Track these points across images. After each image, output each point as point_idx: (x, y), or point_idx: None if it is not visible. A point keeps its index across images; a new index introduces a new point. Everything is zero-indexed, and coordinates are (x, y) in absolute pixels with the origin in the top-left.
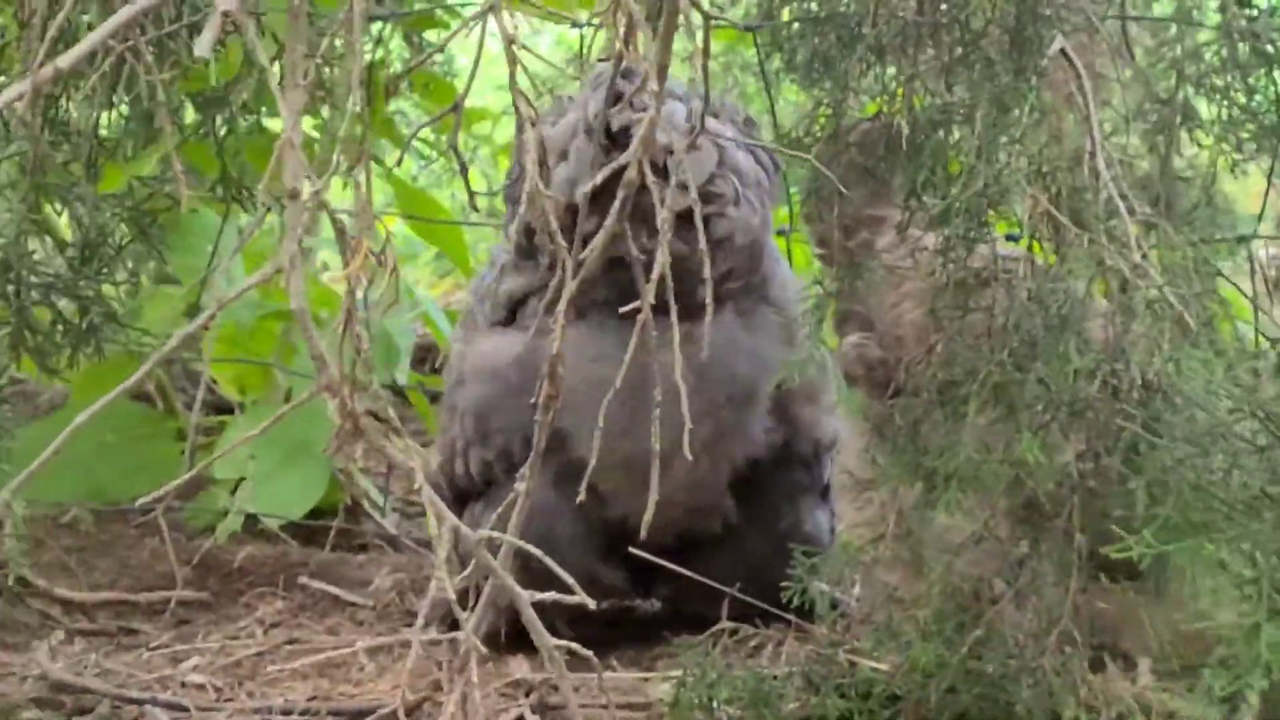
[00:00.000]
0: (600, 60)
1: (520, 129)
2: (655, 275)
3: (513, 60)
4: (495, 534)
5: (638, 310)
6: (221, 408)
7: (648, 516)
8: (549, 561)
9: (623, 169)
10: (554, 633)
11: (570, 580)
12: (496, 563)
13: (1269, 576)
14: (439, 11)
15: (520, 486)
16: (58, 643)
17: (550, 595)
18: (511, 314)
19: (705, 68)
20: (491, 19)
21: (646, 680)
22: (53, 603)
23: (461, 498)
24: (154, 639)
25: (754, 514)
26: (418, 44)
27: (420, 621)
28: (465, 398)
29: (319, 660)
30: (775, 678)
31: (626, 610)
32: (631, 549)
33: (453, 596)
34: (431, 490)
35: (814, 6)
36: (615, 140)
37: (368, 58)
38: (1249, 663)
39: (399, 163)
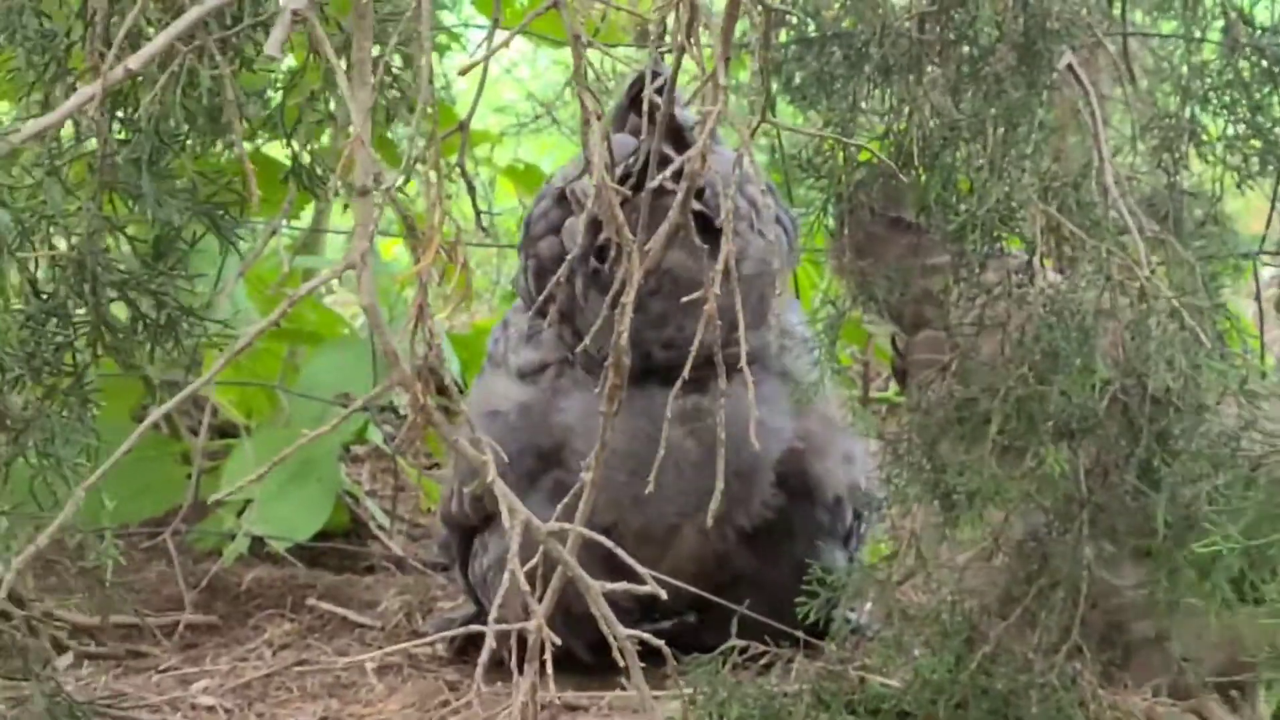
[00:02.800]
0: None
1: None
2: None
3: (579, 56)
4: (570, 527)
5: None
6: (226, 431)
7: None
8: (620, 552)
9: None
10: (571, 656)
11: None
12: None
13: None
14: (439, 35)
15: (586, 476)
16: (67, 666)
17: (621, 585)
18: None
19: (766, 60)
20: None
21: (657, 699)
22: (61, 626)
23: (463, 532)
24: (163, 661)
25: (772, 562)
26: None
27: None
28: (464, 435)
29: (328, 681)
30: (785, 695)
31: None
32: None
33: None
34: (503, 486)
35: (811, 28)
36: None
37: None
38: None
39: (404, 185)
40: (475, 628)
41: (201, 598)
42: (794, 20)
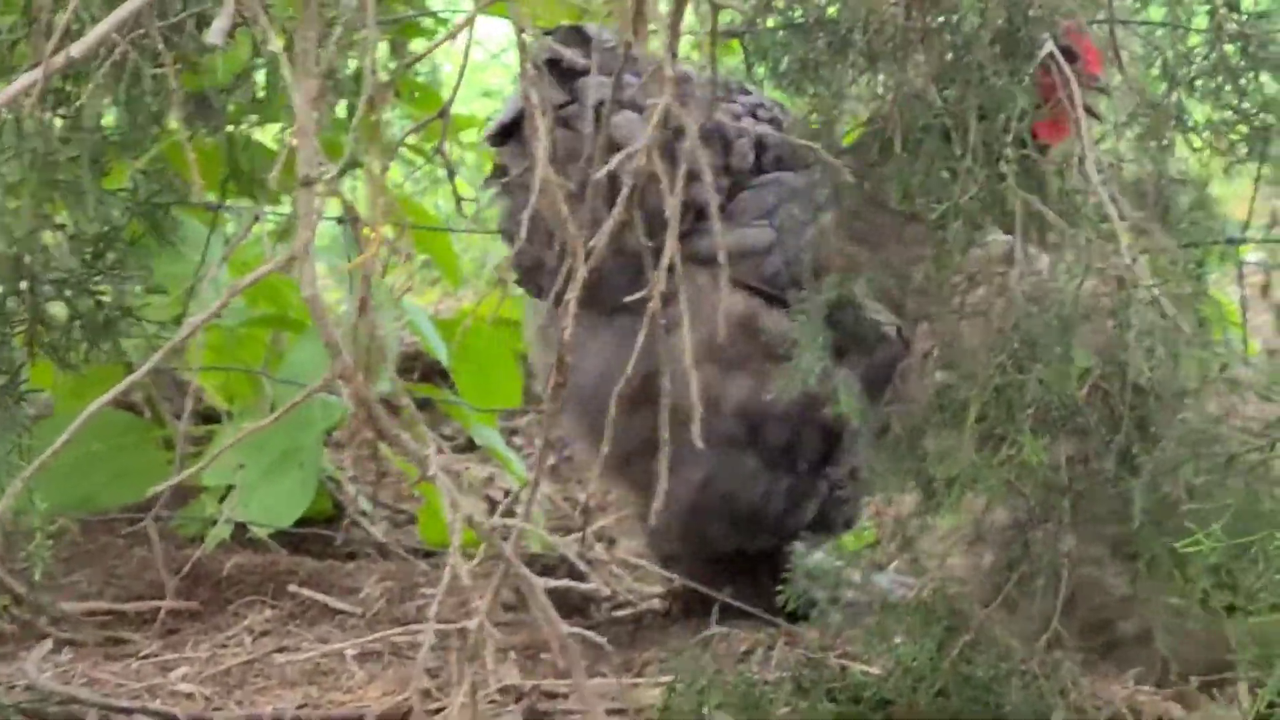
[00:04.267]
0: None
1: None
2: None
3: (524, 48)
4: (512, 522)
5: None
6: (209, 416)
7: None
8: None
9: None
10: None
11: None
12: None
13: None
14: (424, 20)
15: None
16: (46, 653)
17: (565, 583)
18: None
19: (713, 54)
20: (485, 22)
21: (636, 686)
22: (39, 613)
23: None
24: (143, 648)
25: None
26: (404, 52)
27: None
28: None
29: (308, 668)
30: (766, 682)
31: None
32: None
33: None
34: (446, 479)
35: (797, 14)
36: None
37: (353, 64)
38: None
39: (385, 169)
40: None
41: (183, 584)
42: (780, 5)
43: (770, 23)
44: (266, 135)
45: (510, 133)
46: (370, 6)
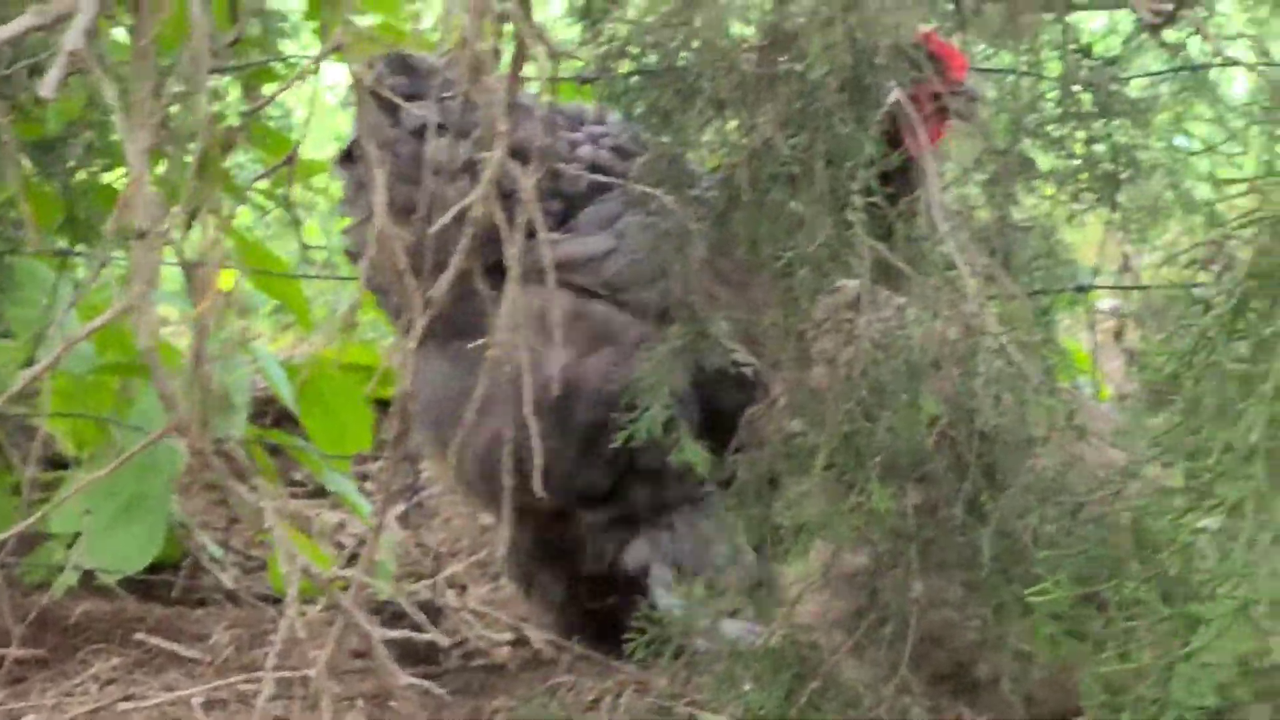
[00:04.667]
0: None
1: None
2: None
3: (362, 97)
4: (352, 574)
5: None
6: (57, 463)
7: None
8: None
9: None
10: None
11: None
12: None
13: (1182, 616)
14: (277, 64)
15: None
16: None
17: (402, 633)
18: None
19: (553, 106)
20: (335, 67)
21: None
22: None
23: None
24: None
25: None
26: (257, 96)
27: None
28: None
29: (154, 716)
30: None
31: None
32: None
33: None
34: (283, 532)
35: (651, 60)
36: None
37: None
38: (1163, 704)
39: (234, 215)
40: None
41: (30, 631)
42: (635, 52)
43: (624, 68)
44: (115, 178)
45: (352, 155)
46: (203, 59)
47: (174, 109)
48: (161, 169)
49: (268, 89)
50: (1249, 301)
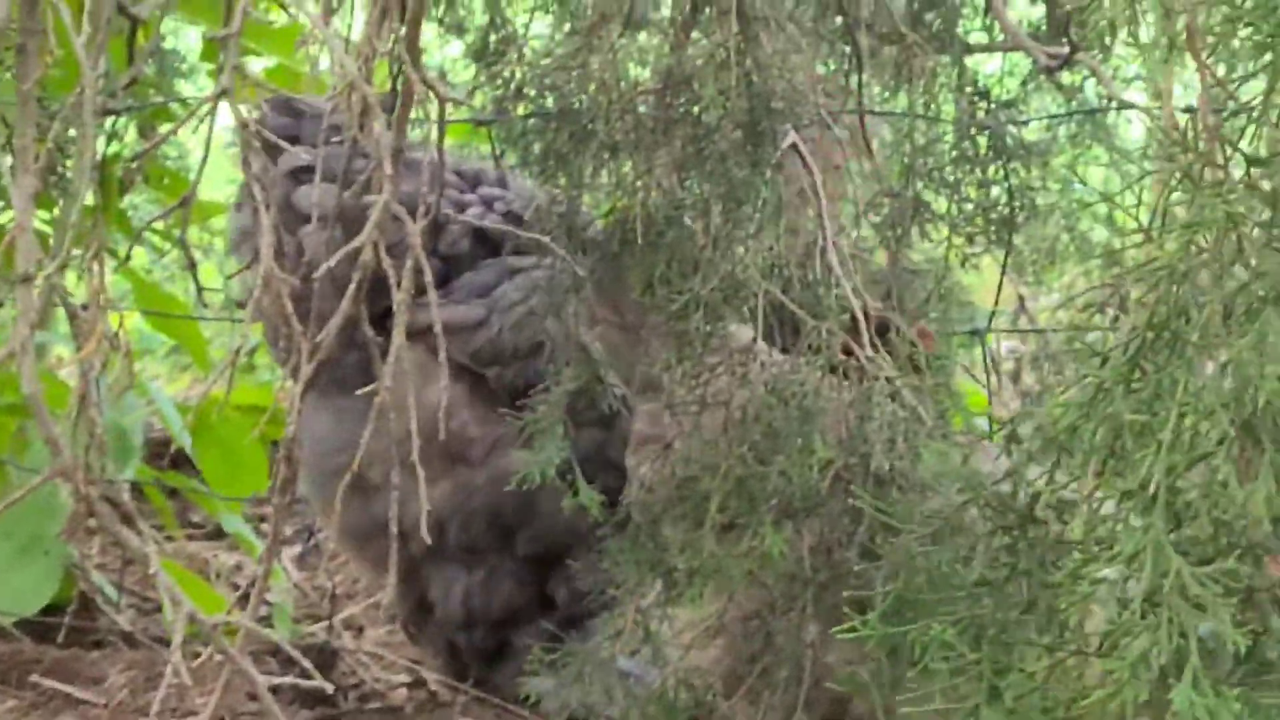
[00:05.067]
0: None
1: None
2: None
3: (246, 143)
4: (238, 620)
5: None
6: None
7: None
8: None
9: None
10: None
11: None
12: None
13: (989, 659)
14: (174, 105)
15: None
16: None
17: (288, 679)
18: None
19: (441, 153)
20: (225, 106)
21: None
22: None
23: None
24: None
25: None
26: (154, 138)
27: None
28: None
29: None
30: None
31: None
32: None
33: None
34: (169, 578)
35: (548, 103)
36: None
37: (102, 150)
38: None
39: (129, 256)
40: None
41: None
42: (530, 94)
43: (520, 110)
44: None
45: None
46: (89, 104)
47: (66, 150)
48: (56, 211)
49: (164, 129)
50: (1144, 352)
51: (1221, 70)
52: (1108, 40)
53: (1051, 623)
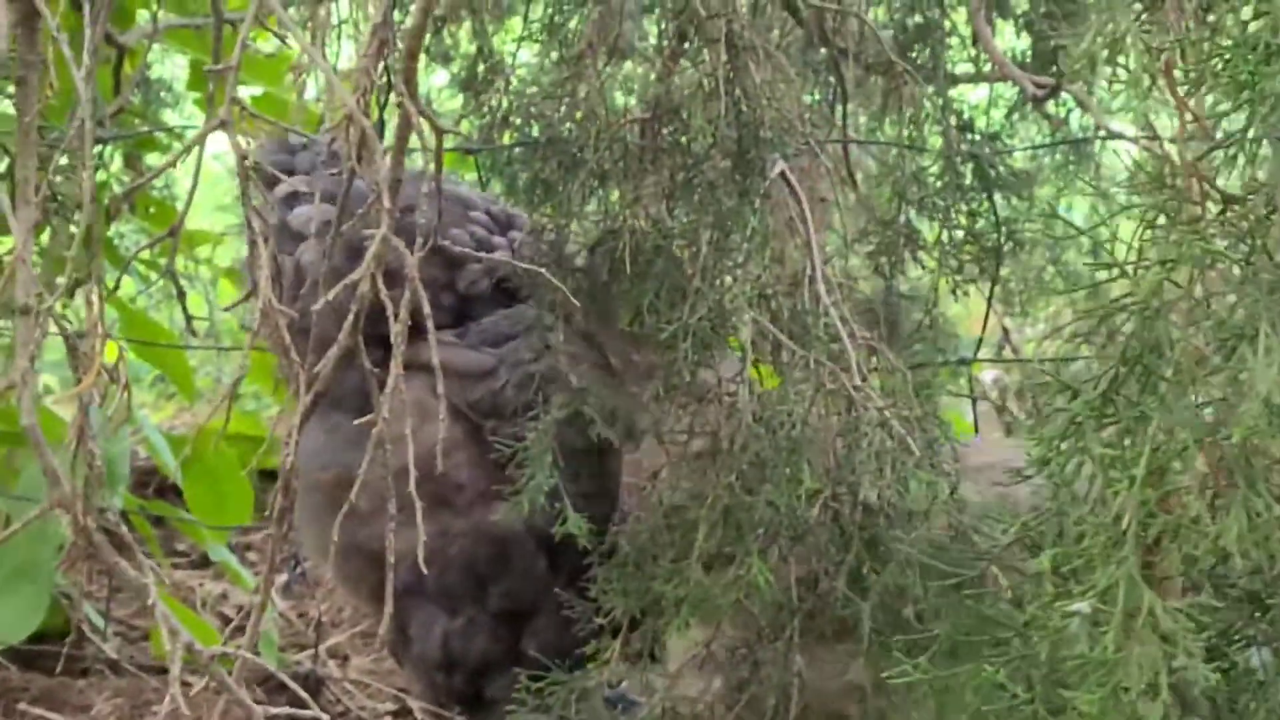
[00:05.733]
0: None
1: (252, 244)
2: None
3: (245, 175)
4: (234, 651)
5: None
6: None
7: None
8: None
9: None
10: None
11: None
12: None
13: (1042, 698)
14: (160, 134)
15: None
16: None
17: (283, 710)
18: None
19: (438, 183)
20: (220, 136)
21: None
22: None
23: None
24: None
25: None
26: (139, 166)
27: None
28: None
29: None
30: None
31: None
32: None
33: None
34: (165, 609)
35: (534, 132)
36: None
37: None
38: None
39: (117, 285)
40: None
41: None
42: (516, 122)
43: (506, 138)
44: None
45: None
46: (88, 136)
47: (58, 180)
48: (45, 239)
49: (151, 158)
50: (1119, 386)
51: (1204, 104)
52: (1090, 74)
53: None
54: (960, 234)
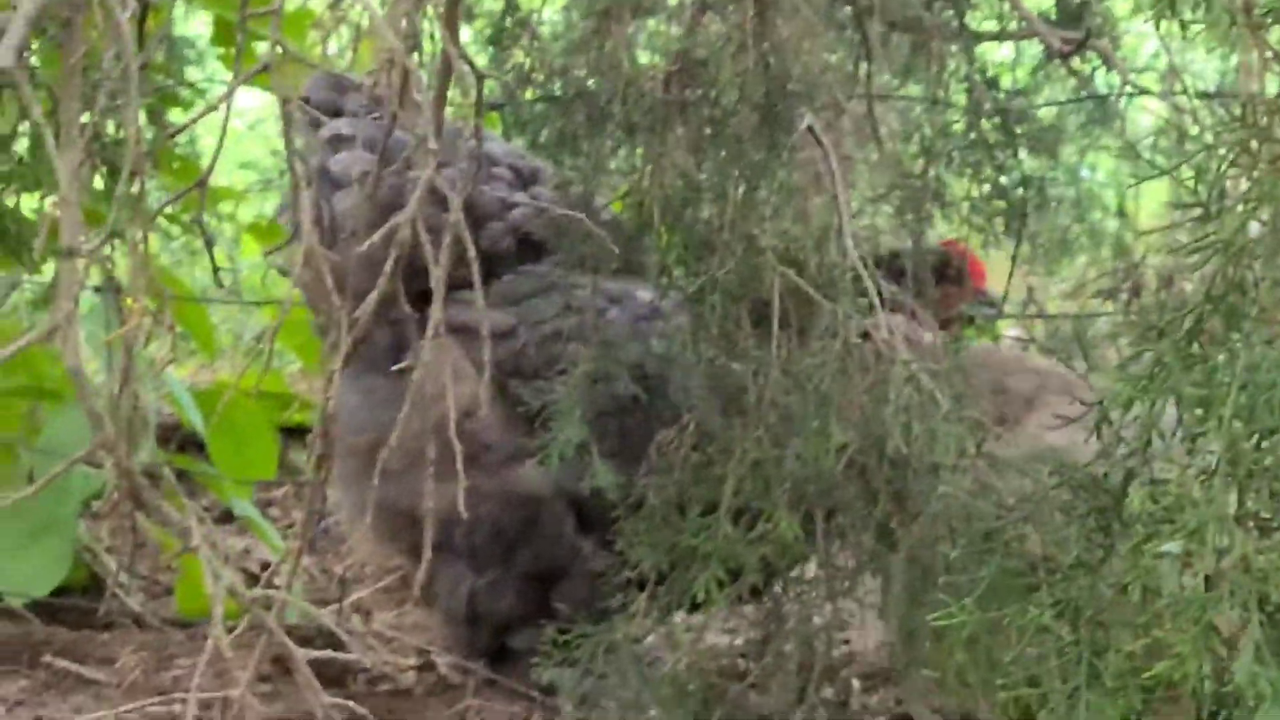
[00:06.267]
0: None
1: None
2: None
3: (288, 117)
4: (274, 594)
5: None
6: None
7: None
8: None
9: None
10: None
11: None
12: None
13: (1089, 642)
14: (183, 90)
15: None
16: None
17: (324, 653)
18: None
19: (479, 126)
20: (243, 93)
21: None
22: None
23: None
24: None
25: None
26: (163, 122)
27: None
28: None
29: None
30: None
31: None
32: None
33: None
34: (209, 550)
35: (558, 87)
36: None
37: (112, 135)
38: None
39: (145, 239)
40: None
41: None
42: (540, 79)
43: (530, 95)
44: (24, 203)
45: None
46: (133, 76)
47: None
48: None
49: (174, 113)
50: (1203, 326)
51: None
52: (1170, 12)
53: (1147, 602)
54: (989, 188)
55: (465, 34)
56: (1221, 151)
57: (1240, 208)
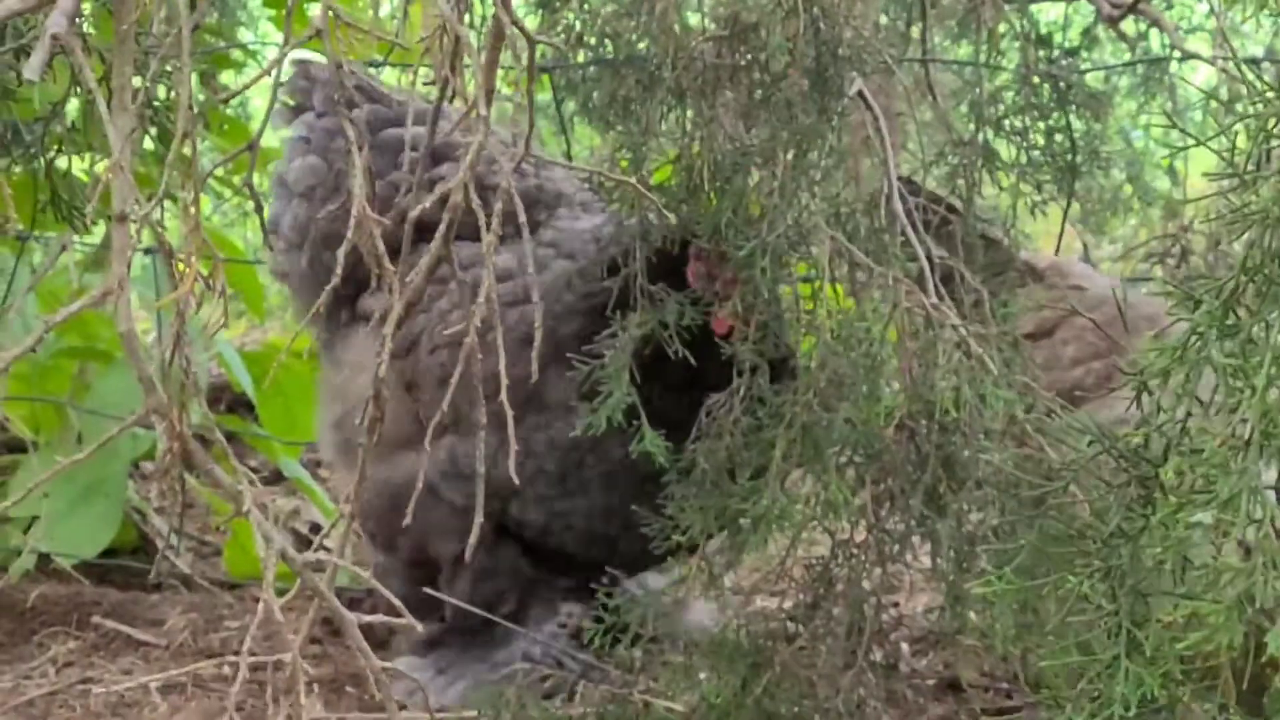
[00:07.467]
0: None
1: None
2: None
3: (341, 83)
4: (326, 557)
5: None
6: (13, 446)
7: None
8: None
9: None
10: None
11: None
12: None
13: (1128, 611)
14: (234, 51)
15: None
16: None
17: (379, 619)
18: None
19: (531, 91)
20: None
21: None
22: None
23: None
24: None
25: None
26: (214, 84)
27: None
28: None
29: (112, 699)
30: (570, 718)
31: None
32: None
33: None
34: (260, 514)
35: (609, 50)
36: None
37: (161, 97)
38: (1108, 698)
39: (197, 201)
40: None
41: None
42: (591, 42)
43: (580, 58)
44: (76, 166)
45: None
46: (186, 39)
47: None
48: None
49: (225, 75)
50: (1239, 296)
51: None
52: None
53: (1186, 572)
54: (1039, 152)
55: None
56: (1260, 121)
57: (1276, 178)
